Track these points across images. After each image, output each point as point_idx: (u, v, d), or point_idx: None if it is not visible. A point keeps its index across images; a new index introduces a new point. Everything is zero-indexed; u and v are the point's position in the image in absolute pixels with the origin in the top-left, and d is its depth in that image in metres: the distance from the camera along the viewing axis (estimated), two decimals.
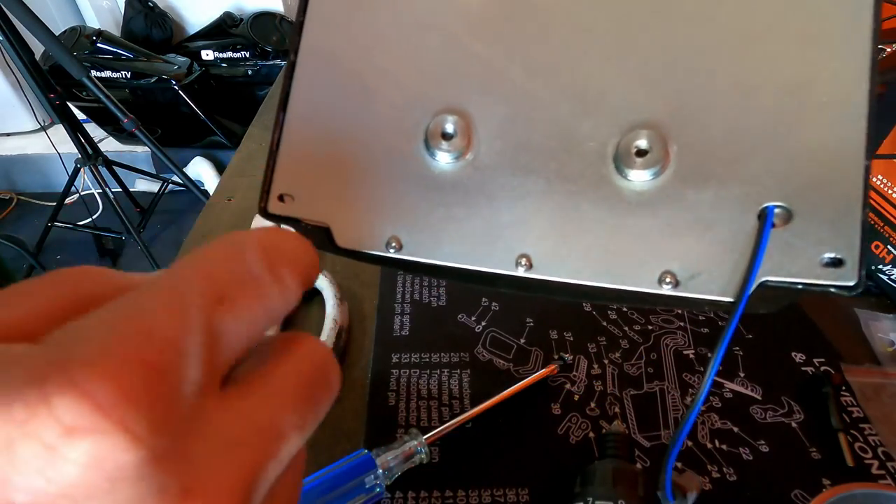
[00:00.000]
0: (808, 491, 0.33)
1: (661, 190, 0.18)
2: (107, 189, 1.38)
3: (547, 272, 0.18)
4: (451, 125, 0.19)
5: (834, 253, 0.16)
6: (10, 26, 1.14)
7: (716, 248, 0.17)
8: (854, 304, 0.45)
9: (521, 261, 0.18)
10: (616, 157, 0.18)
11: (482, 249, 0.19)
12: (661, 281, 0.18)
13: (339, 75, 0.19)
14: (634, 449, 0.35)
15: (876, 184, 0.47)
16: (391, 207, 0.19)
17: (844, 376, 0.39)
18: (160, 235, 1.81)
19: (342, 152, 0.19)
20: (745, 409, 0.37)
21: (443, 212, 0.19)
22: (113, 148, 1.84)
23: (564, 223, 0.18)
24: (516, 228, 0.19)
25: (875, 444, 0.35)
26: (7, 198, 1.94)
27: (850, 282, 0.16)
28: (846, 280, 0.16)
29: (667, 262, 0.18)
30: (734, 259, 0.17)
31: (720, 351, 0.16)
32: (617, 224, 0.18)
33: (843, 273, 0.16)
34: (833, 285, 0.16)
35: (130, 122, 1.25)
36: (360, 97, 0.19)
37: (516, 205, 0.19)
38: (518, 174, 0.19)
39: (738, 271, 0.17)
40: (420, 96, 0.19)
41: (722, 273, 0.17)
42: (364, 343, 0.41)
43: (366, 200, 0.19)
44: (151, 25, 1.85)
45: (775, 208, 0.17)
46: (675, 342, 0.42)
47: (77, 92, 1.58)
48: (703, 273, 0.17)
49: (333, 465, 0.30)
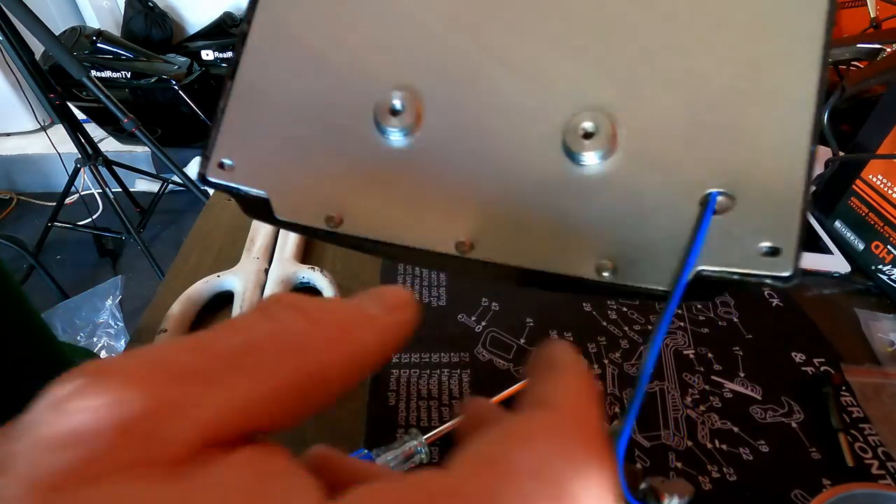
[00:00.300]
0: (808, 491, 0.33)
1: (608, 174, 0.18)
2: (107, 189, 1.38)
3: (486, 254, 0.18)
4: (400, 101, 0.18)
5: (771, 242, 0.16)
6: (10, 26, 1.14)
7: (657, 235, 0.17)
8: (854, 304, 0.45)
9: (461, 241, 0.18)
10: (564, 139, 0.18)
11: (422, 228, 0.18)
12: (601, 268, 0.17)
13: (290, 47, 0.19)
14: (634, 449, 0.35)
15: (876, 184, 0.47)
16: (333, 181, 0.19)
17: (844, 376, 0.39)
18: (160, 235, 1.81)
19: (287, 124, 0.19)
20: (745, 409, 0.37)
21: (385, 187, 0.19)
22: (113, 148, 1.84)
23: (508, 205, 0.18)
24: (459, 208, 0.18)
25: (875, 444, 0.35)
26: (7, 198, 1.94)
27: (786, 272, 0.16)
28: (781, 270, 0.16)
29: (607, 249, 0.17)
30: (675, 247, 0.17)
31: (657, 340, 0.15)
32: (561, 208, 0.18)
33: (779, 263, 0.16)
34: (768, 275, 0.16)
35: (130, 122, 1.25)
36: (309, 70, 0.19)
37: (460, 185, 0.18)
38: (464, 154, 0.18)
39: (678, 260, 0.17)
40: (370, 72, 0.19)
41: (661, 261, 0.17)
42: None
43: (307, 173, 0.19)
44: (151, 25, 1.85)
45: (718, 195, 0.16)
46: (675, 342, 0.42)
47: (77, 92, 1.58)
48: (642, 261, 0.17)
49: None
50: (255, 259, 0.45)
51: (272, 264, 0.45)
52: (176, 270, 0.47)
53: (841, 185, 0.51)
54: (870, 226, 0.48)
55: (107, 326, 1.38)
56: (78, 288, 1.49)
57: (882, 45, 0.59)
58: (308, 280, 0.44)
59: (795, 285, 0.16)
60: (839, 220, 0.51)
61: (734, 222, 0.16)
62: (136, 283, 1.57)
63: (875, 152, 0.47)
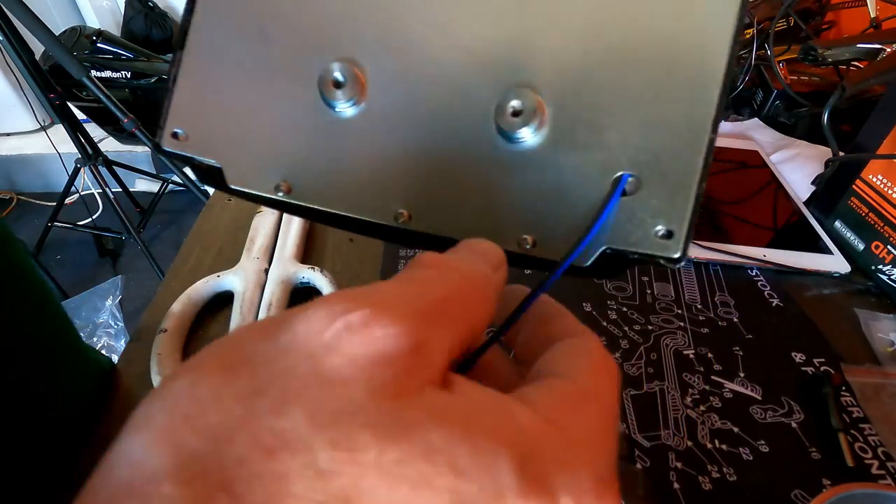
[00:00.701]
0: (808, 491, 0.33)
1: (536, 152, 0.18)
2: (107, 189, 1.37)
3: (422, 226, 0.19)
4: (342, 73, 0.19)
5: (665, 225, 0.17)
6: (10, 26, 1.13)
7: (576, 212, 0.18)
8: (854, 304, 0.45)
9: (400, 213, 0.19)
10: (495, 116, 0.18)
11: (365, 199, 0.19)
12: (521, 242, 0.18)
13: (238, 17, 0.20)
14: (634, 449, 0.35)
15: (876, 184, 0.47)
16: (282, 151, 0.20)
17: (844, 376, 0.39)
18: (160, 235, 1.81)
19: (237, 95, 0.20)
20: (745, 409, 0.37)
21: (331, 158, 0.19)
22: (113, 148, 1.84)
23: (443, 179, 0.19)
24: (399, 181, 0.19)
25: (875, 444, 0.35)
26: (7, 198, 1.94)
27: (675, 254, 0.17)
28: (672, 252, 0.17)
29: (529, 224, 0.18)
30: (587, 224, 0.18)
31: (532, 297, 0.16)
32: (491, 183, 0.19)
33: (671, 245, 0.17)
34: (661, 256, 0.17)
35: (130, 122, 1.25)
36: (258, 40, 0.20)
37: (401, 157, 0.19)
38: (405, 127, 0.19)
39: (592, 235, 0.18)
40: (315, 43, 0.19)
41: (573, 237, 0.18)
42: None
43: (258, 142, 0.20)
44: (151, 25, 1.85)
45: (629, 177, 0.17)
46: (675, 342, 0.42)
47: (77, 92, 1.58)
48: (558, 236, 0.18)
49: None
50: (255, 259, 0.45)
51: (272, 264, 0.45)
52: (176, 270, 0.47)
53: (841, 185, 0.51)
54: (870, 226, 0.48)
55: (107, 326, 1.38)
56: (78, 288, 1.49)
57: (882, 45, 0.59)
58: (308, 280, 0.44)
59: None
60: (839, 220, 0.51)
61: (638, 204, 0.17)
62: (136, 283, 1.57)
63: (875, 152, 0.47)
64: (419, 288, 0.12)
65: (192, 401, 0.09)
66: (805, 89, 0.66)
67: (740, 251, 0.48)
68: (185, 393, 0.09)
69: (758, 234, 0.52)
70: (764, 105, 0.68)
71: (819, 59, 0.60)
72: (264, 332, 0.11)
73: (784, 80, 0.64)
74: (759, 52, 0.67)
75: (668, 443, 0.35)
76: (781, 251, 0.49)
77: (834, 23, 0.83)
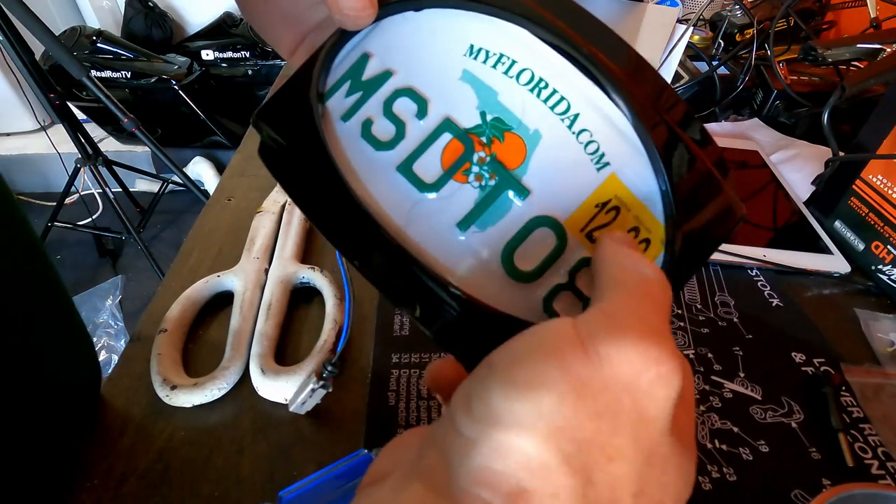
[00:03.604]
0: (808, 491, 0.33)
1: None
2: (107, 189, 1.37)
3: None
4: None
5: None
6: (10, 26, 1.13)
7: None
8: (854, 304, 0.45)
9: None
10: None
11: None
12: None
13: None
14: None
15: (876, 184, 0.47)
16: None
17: (844, 376, 0.39)
18: (160, 235, 1.80)
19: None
20: (745, 409, 0.37)
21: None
22: (113, 148, 1.84)
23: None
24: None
25: (875, 444, 0.35)
26: None
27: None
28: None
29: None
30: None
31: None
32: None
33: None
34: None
35: (130, 122, 1.25)
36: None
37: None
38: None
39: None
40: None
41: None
42: (364, 343, 0.41)
43: None
44: (151, 25, 1.85)
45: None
46: (675, 342, 0.42)
47: (77, 92, 1.58)
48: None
49: (333, 465, 0.30)
50: (255, 259, 0.45)
51: (272, 264, 0.45)
52: (176, 270, 0.47)
53: (841, 185, 0.51)
54: (870, 226, 0.48)
55: (107, 326, 1.38)
56: (78, 288, 1.49)
57: (882, 45, 0.59)
58: (308, 280, 0.44)
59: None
60: (839, 220, 0.51)
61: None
62: (136, 283, 1.57)
63: (875, 152, 0.47)
64: (662, 314, 0.15)
65: (561, 417, 0.13)
66: (805, 89, 0.66)
67: (740, 251, 0.48)
68: (555, 409, 0.13)
69: (758, 234, 0.52)
70: (764, 105, 0.68)
71: (819, 59, 0.60)
72: (583, 359, 0.13)
73: (784, 80, 0.64)
74: (759, 52, 0.67)
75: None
76: (781, 251, 0.49)
77: (834, 23, 0.83)
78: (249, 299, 0.42)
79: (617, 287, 0.15)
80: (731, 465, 0.34)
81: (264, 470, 0.33)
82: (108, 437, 0.34)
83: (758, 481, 0.33)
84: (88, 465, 0.33)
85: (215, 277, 0.44)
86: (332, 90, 0.20)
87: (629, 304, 0.15)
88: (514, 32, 0.19)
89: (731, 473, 0.33)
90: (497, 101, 0.19)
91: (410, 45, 0.19)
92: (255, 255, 0.45)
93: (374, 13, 0.19)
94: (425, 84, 0.19)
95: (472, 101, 0.19)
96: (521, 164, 0.18)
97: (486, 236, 0.18)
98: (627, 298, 0.15)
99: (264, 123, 0.19)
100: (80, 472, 0.33)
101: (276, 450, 0.34)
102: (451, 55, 0.19)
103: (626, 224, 0.18)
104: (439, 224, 0.18)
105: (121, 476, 0.32)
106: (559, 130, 0.18)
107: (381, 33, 0.20)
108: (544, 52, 0.18)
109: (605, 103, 0.18)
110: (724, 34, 0.76)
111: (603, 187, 0.18)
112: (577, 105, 0.18)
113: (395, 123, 0.19)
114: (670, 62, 0.62)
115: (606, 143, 0.18)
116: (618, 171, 0.18)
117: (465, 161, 0.18)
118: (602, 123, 0.18)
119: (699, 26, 0.81)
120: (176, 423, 0.35)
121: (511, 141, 0.18)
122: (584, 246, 0.18)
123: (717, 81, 0.68)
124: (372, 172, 0.19)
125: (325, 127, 0.19)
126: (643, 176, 0.18)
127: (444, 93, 0.19)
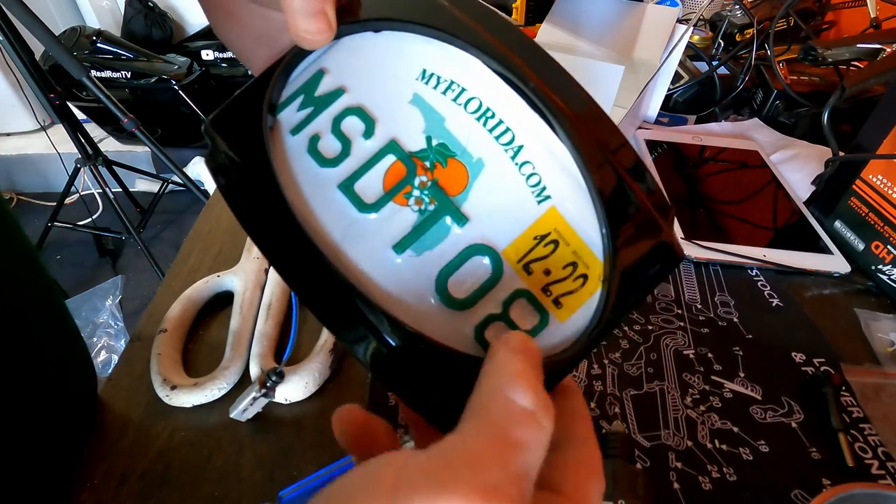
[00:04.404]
0: (808, 491, 0.33)
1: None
2: (107, 189, 1.38)
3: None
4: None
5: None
6: (10, 26, 1.14)
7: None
8: (854, 304, 0.45)
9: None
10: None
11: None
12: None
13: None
14: (634, 449, 0.35)
15: (876, 184, 0.47)
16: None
17: (844, 376, 0.39)
18: (160, 235, 1.81)
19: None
20: (745, 409, 0.37)
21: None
22: (113, 148, 1.84)
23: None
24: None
25: (875, 444, 0.35)
26: (7, 198, 1.94)
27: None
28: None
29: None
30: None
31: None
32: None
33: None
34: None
35: (130, 122, 1.25)
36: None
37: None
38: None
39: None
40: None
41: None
42: None
43: None
44: (151, 25, 1.85)
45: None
46: (675, 342, 0.42)
47: (77, 92, 1.58)
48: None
49: (333, 465, 0.30)
50: (255, 259, 0.45)
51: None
52: (176, 270, 0.47)
53: (841, 185, 0.51)
54: (870, 226, 0.48)
55: (107, 326, 1.38)
56: (78, 288, 1.49)
57: (882, 45, 0.59)
58: None
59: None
60: (839, 220, 0.51)
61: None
62: (136, 283, 1.57)
63: (875, 152, 0.47)
64: (514, 464, 0.13)
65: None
66: (805, 89, 0.66)
67: (740, 251, 0.48)
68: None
69: (758, 234, 0.52)
70: (764, 105, 0.68)
71: (819, 59, 0.60)
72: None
73: (784, 80, 0.64)
74: (759, 52, 0.67)
75: (668, 443, 0.35)
76: (781, 251, 0.49)
77: (834, 23, 0.83)
78: (249, 299, 0.42)
79: (476, 415, 0.14)
80: (731, 465, 0.34)
81: (264, 470, 0.33)
82: (108, 438, 0.34)
83: (758, 481, 0.33)
84: (88, 465, 0.33)
85: (215, 277, 0.44)
86: (286, 103, 0.20)
87: (476, 443, 0.13)
88: (466, 61, 0.19)
89: (731, 473, 0.33)
90: (443, 126, 0.19)
91: (366, 65, 0.20)
92: (255, 255, 0.45)
93: (331, 35, 0.19)
94: (375, 104, 0.19)
95: (420, 125, 0.19)
96: (462, 191, 0.18)
97: (421, 261, 0.18)
98: (477, 435, 0.13)
99: (215, 132, 0.19)
100: (80, 472, 0.33)
101: (276, 450, 0.34)
102: (403, 78, 0.19)
103: (564, 258, 0.18)
104: (375, 244, 0.18)
105: (121, 476, 0.33)
106: (502, 160, 0.18)
107: (339, 51, 0.20)
108: (494, 83, 0.19)
109: (550, 138, 0.18)
110: (724, 34, 0.76)
111: (542, 220, 0.18)
112: (522, 137, 0.18)
113: (342, 141, 0.19)
114: (670, 62, 0.62)
115: (548, 177, 0.18)
116: (558, 205, 0.18)
117: (407, 184, 0.18)
118: (546, 157, 0.18)
119: (699, 26, 0.81)
120: (176, 423, 0.35)
121: (454, 167, 0.18)
122: (520, 277, 0.18)
123: (717, 81, 0.68)
124: (313, 188, 0.19)
125: (274, 139, 0.19)
126: (584, 212, 0.18)
127: (392, 114, 0.19)
